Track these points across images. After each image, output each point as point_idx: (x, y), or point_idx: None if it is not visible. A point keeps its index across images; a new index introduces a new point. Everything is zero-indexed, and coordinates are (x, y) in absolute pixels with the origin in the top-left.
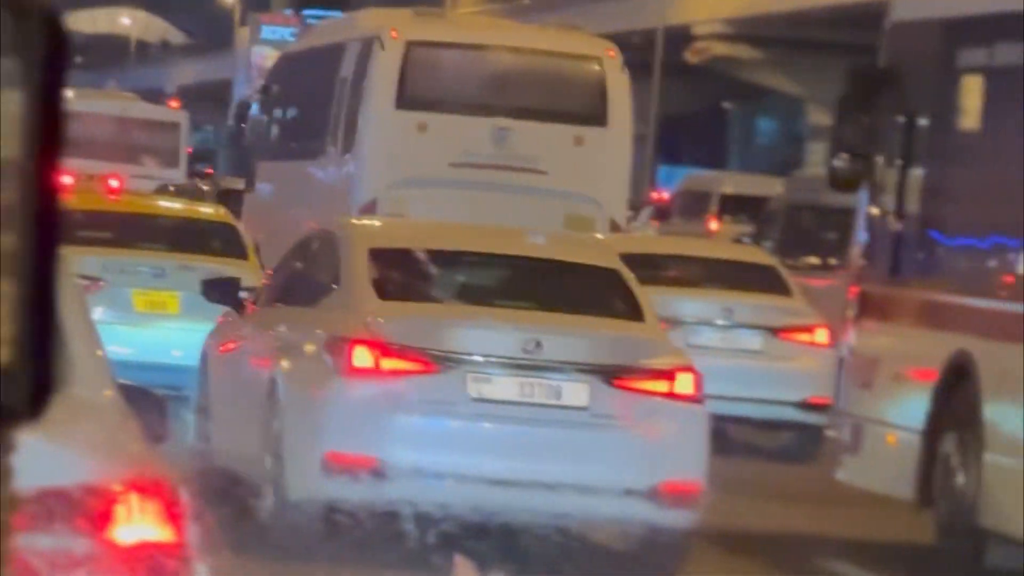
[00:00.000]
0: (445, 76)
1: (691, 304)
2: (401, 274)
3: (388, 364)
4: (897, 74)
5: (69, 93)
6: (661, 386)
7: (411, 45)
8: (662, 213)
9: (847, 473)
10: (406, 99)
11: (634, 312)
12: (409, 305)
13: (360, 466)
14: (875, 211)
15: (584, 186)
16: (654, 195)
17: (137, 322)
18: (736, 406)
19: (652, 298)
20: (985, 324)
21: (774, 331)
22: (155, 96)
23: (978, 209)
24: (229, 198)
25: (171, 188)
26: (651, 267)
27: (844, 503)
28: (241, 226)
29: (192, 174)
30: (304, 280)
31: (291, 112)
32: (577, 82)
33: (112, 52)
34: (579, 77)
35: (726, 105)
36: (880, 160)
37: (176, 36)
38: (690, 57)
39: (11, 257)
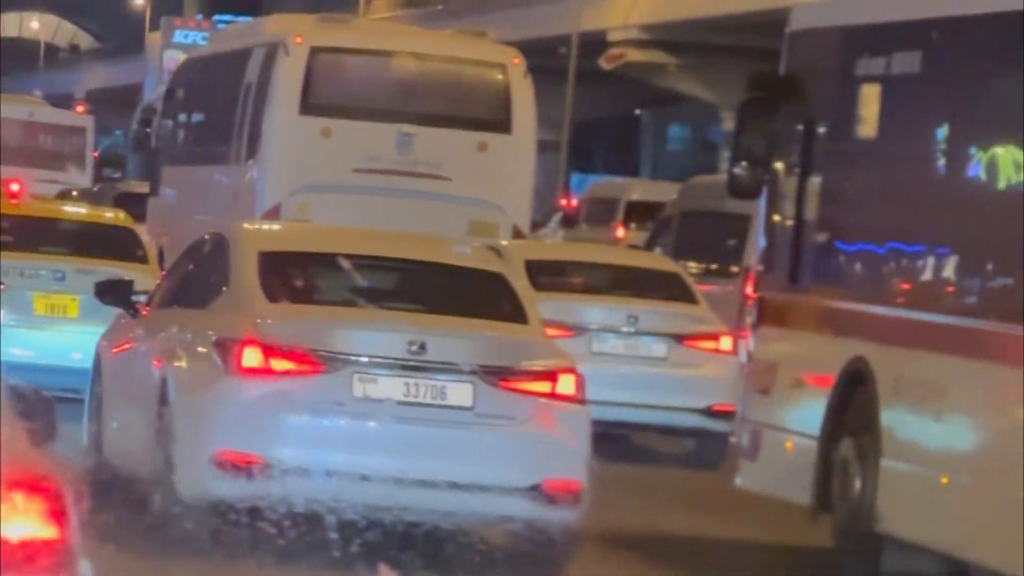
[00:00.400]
0: (349, 82)
1: (596, 311)
2: (289, 277)
3: (275, 364)
4: (796, 82)
5: None
6: (543, 387)
7: (315, 51)
8: (570, 220)
9: (746, 479)
10: (310, 105)
11: (518, 315)
12: (297, 307)
13: (248, 464)
14: (774, 218)
15: (488, 192)
16: (563, 202)
17: (37, 325)
18: (641, 413)
19: (557, 305)
20: (881, 330)
21: (679, 338)
22: (66, 101)
23: (875, 216)
24: (127, 202)
25: (74, 193)
26: (556, 274)
27: (747, 508)
28: (142, 230)
29: (99, 179)
30: (195, 282)
31: (196, 117)
32: (481, 89)
33: (22, 56)
34: (483, 84)
35: (638, 112)
36: (779, 167)
37: (85, 40)
38: (604, 63)
39: None
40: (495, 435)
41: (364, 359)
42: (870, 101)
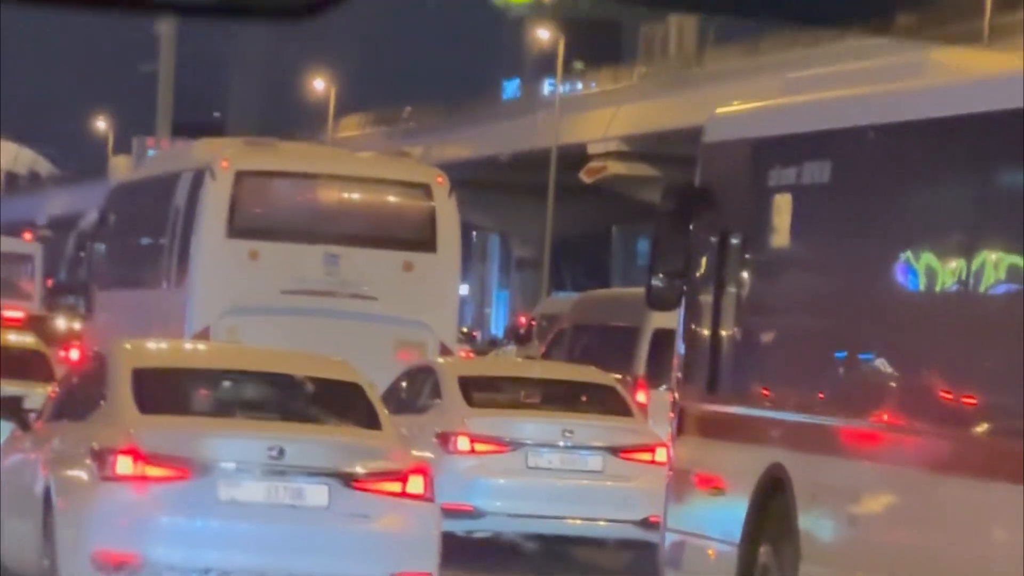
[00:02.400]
0: (276, 204)
1: (531, 426)
2: (161, 391)
3: (147, 471)
4: (710, 193)
5: None
6: (394, 487)
7: (241, 175)
8: (521, 337)
9: None
10: (237, 228)
11: (372, 422)
12: (167, 419)
13: (125, 561)
14: (692, 328)
15: (414, 311)
16: (520, 319)
17: None
18: (579, 527)
19: (492, 420)
20: (797, 437)
21: (614, 451)
22: (25, 228)
23: (789, 324)
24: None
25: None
26: (490, 389)
27: None
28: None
29: (51, 306)
30: (79, 397)
31: (127, 241)
32: (406, 209)
33: None
34: (408, 204)
35: (612, 228)
36: (696, 277)
37: (45, 166)
38: (585, 177)
39: None
40: (350, 532)
41: (229, 465)
42: (782, 211)
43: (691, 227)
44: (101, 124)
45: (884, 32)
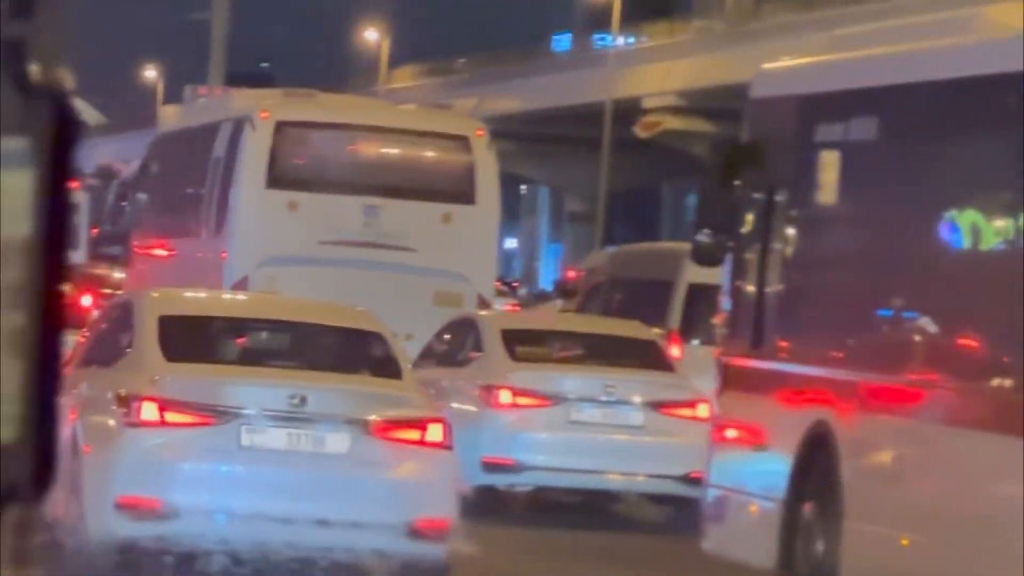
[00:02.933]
0: (315, 155)
1: (573, 380)
2: (186, 338)
3: (170, 417)
4: (757, 149)
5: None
6: (413, 435)
7: (281, 125)
8: (567, 291)
9: (712, 543)
10: (276, 178)
11: (393, 371)
12: (191, 366)
13: (148, 508)
14: (737, 284)
15: (452, 263)
16: (569, 274)
17: None
18: (619, 482)
19: (534, 374)
20: (841, 394)
21: (655, 406)
22: (77, 177)
23: (835, 281)
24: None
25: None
26: (532, 343)
27: (725, 572)
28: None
29: (95, 255)
30: (106, 343)
31: (168, 190)
32: (445, 161)
33: None
34: (447, 156)
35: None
36: (742, 234)
37: (92, 115)
38: (640, 132)
39: (16, 336)
40: (369, 478)
41: (251, 412)
42: (829, 167)
43: (738, 183)
44: (151, 73)
45: None
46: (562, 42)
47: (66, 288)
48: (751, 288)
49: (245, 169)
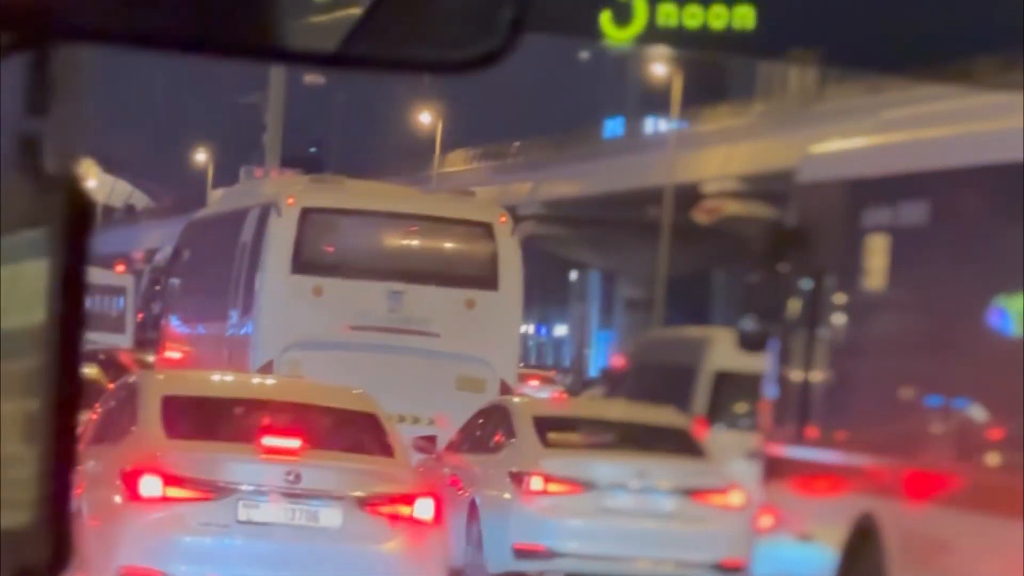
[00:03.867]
0: (340, 241)
1: (604, 467)
2: (188, 417)
3: (171, 492)
4: (804, 234)
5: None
6: (404, 510)
7: (306, 212)
8: (616, 379)
9: None
10: (301, 264)
11: (386, 449)
12: (192, 443)
13: None
14: (783, 371)
15: (475, 348)
16: (615, 360)
17: None
18: (651, 569)
19: (566, 461)
20: (889, 485)
21: (687, 493)
22: (119, 261)
23: (883, 368)
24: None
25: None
26: (564, 430)
27: None
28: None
29: (140, 339)
30: (113, 422)
31: (197, 276)
32: (469, 247)
33: None
34: (470, 242)
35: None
36: (789, 320)
37: (141, 199)
38: (700, 217)
39: (33, 422)
40: (362, 552)
41: (248, 488)
42: (877, 252)
43: (785, 268)
44: (200, 156)
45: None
46: (614, 127)
47: (82, 372)
48: (797, 375)
49: (271, 255)
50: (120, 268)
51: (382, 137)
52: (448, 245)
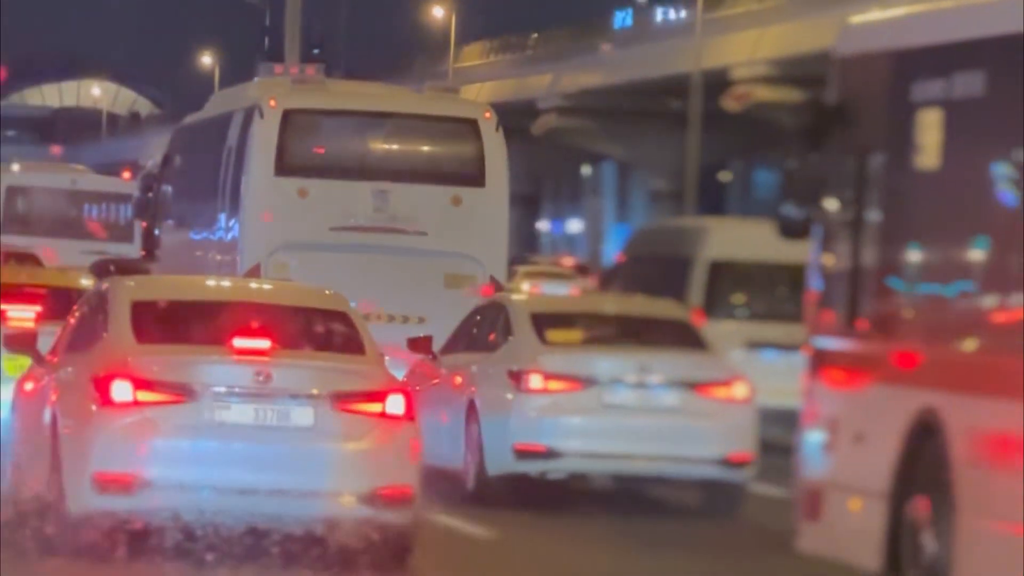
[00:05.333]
0: (324, 142)
1: (605, 362)
2: (158, 321)
3: (143, 396)
4: (847, 111)
5: (15, 165)
6: (375, 407)
7: (289, 113)
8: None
9: (807, 542)
10: (286, 166)
11: (356, 348)
12: (162, 347)
13: (124, 482)
14: (828, 260)
15: (464, 246)
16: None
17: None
18: (656, 466)
19: (565, 357)
20: (951, 376)
21: (691, 386)
22: (132, 169)
23: (941, 252)
24: (102, 268)
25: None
26: (563, 326)
27: (760, 557)
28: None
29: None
30: (83, 330)
31: (187, 181)
32: (454, 144)
33: (83, 125)
34: (455, 139)
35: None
36: (832, 204)
37: (145, 107)
38: (730, 103)
39: None
40: (333, 450)
41: (219, 389)
42: (929, 127)
43: (826, 148)
44: (207, 60)
45: None
46: (624, 18)
47: None
48: (844, 262)
49: (254, 157)
50: (126, 175)
51: (392, 34)
52: (433, 143)
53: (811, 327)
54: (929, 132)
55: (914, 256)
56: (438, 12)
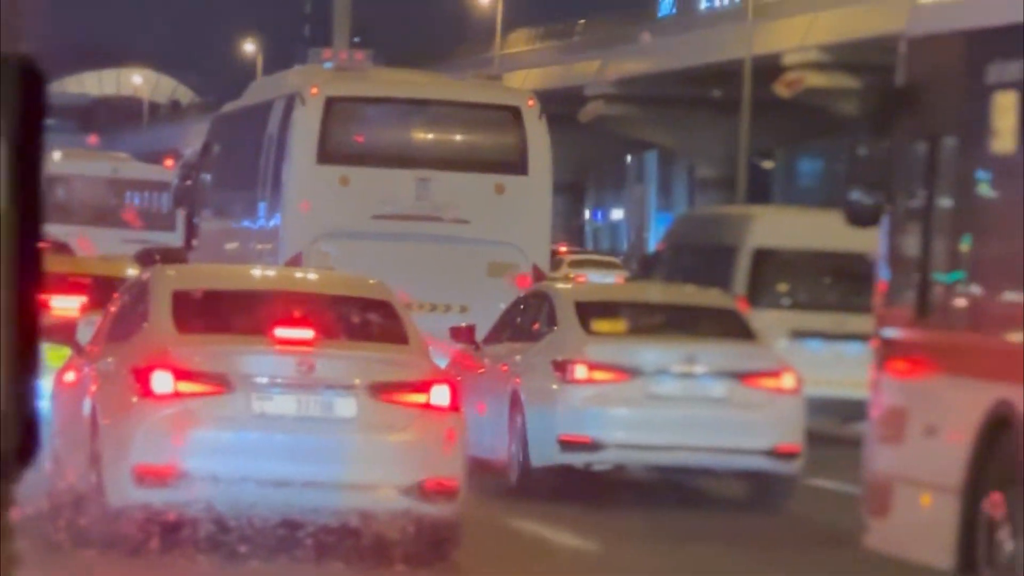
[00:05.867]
0: (366, 130)
1: (650, 352)
2: (199, 311)
3: (183, 387)
4: (918, 94)
5: (57, 153)
6: (419, 398)
7: (331, 101)
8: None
9: (875, 539)
10: (327, 154)
11: (400, 337)
12: (203, 337)
13: (164, 475)
14: (898, 248)
15: (506, 234)
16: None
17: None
18: (702, 457)
19: (610, 347)
20: None
21: (738, 377)
22: (174, 157)
23: (1016, 241)
24: (147, 256)
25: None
26: (608, 315)
27: (807, 551)
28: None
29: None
30: (124, 320)
31: (227, 170)
32: (496, 132)
33: (124, 114)
34: (498, 127)
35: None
36: (902, 190)
37: (186, 95)
38: (781, 89)
39: None
40: (377, 441)
41: (261, 380)
42: (1006, 110)
43: (895, 134)
44: (248, 47)
45: None
46: (668, 6)
47: (42, 258)
48: (915, 250)
49: (296, 145)
50: (168, 163)
51: (437, 21)
52: (475, 130)
53: (879, 317)
54: (1005, 115)
55: (988, 244)
56: None
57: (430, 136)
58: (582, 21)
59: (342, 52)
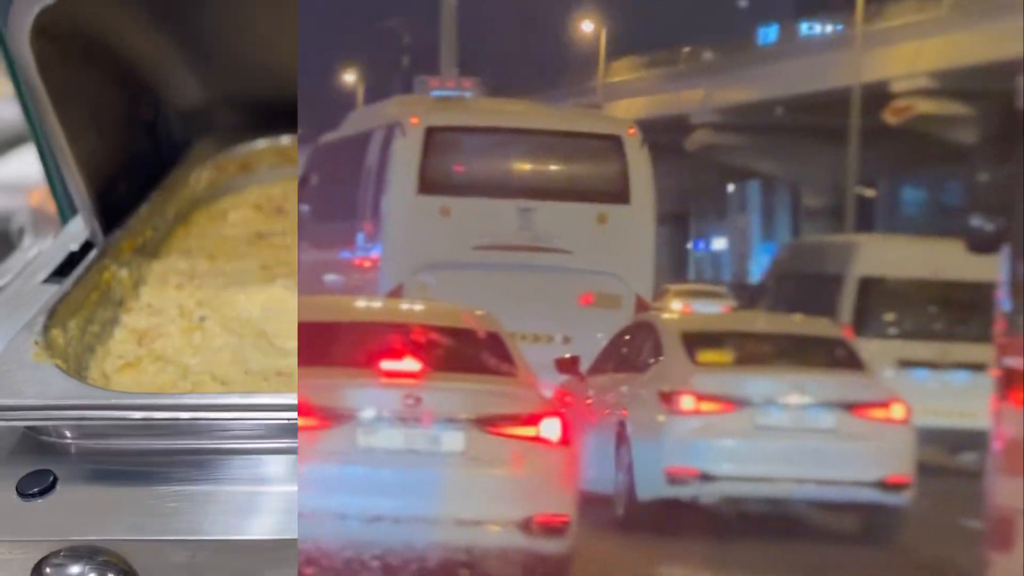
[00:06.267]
0: (466, 160)
1: (758, 383)
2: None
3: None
4: None
5: None
6: (529, 431)
7: (431, 131)
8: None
9: (998, 574)
10: (428, 184)
11: (509, 369)
12: (311, 370)
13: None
14: (1019, 275)
15: (609, 264)
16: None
17: None
18: (811, 489)
19: (717, 378)
20: None
21: (847, 407)
22: None
23: None
24: None
25: None
26: (715, 345)
27: None
28: None
29: None
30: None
31: (326, 201)
32: (598, 161)
33: None
34: (599, 156)
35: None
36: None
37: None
38: (889, 118)
39: None
40: (486, 476)
41: (367, 414)
42: None
43: (1016, 158)
44: (349, 78)
45: None
46: (768, 34)
47: None
48: None
49: (396, 176)
50: None
51: (539, 50)
52: (577, 160)
53: (1000, 347)
54: None
55: None
56: (587, 27)
57: (531, 165)
58: (687, 49)
59: (449, 81)
